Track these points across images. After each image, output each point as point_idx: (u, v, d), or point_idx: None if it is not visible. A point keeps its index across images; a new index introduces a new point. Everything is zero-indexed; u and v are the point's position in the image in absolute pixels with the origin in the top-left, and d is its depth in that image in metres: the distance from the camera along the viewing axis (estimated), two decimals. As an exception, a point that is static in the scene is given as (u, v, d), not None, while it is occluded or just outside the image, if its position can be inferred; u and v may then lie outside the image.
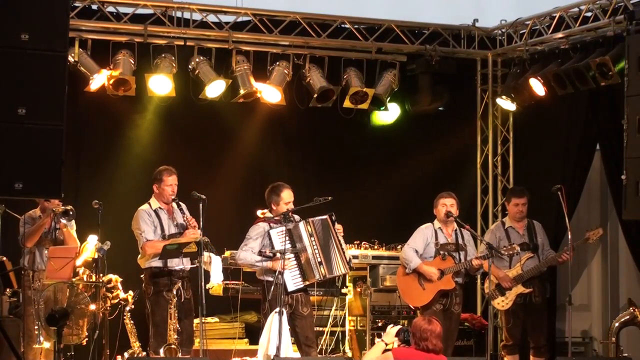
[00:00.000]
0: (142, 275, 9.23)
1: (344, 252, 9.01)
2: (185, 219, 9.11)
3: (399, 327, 7.47)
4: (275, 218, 8.88)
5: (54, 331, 8.55)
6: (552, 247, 10.24)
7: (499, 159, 11.98)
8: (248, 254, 8.87)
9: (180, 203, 9.21)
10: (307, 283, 8.91)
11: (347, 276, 10.63)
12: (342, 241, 9.05)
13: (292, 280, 8.82)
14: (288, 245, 8.72)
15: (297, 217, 9.08)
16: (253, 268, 9.02)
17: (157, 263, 9.05)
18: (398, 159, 11.78)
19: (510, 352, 10.17)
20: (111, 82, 10.42)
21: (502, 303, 10.00)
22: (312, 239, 8.91)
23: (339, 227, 9.03)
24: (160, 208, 9.18)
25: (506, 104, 11.33)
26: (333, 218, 9.02)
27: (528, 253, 9.99)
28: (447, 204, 9.63)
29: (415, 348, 7.14)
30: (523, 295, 9.94)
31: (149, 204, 9.21)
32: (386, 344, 7.39)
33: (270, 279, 8.79)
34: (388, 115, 11.62)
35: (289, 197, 8.95)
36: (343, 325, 10.77)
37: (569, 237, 9.45)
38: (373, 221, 11.51)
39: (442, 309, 9.52)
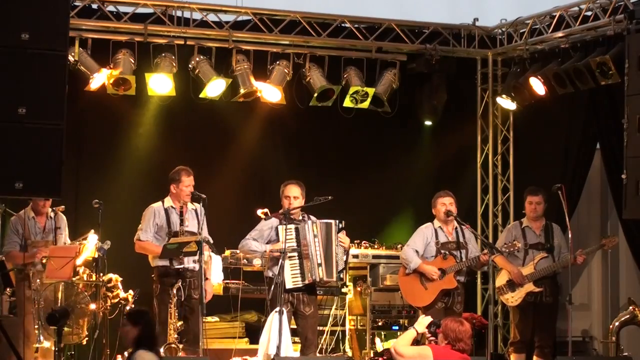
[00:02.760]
0: (152, 275, 9.27)
1: (337, 262, 9.02)
2: (199, 228, 9.06)
3: (431, 319, 7.60)
4: (279, 215, 8.94)
5: (54, 331, 8.55)
6: (552, 246, 10.27)
7: (499, 158, 11.98)
8: (248, 242, 9.01)
9: (196, 205, 9.18)
10: (306, 283, 8.92)
11: (347, 276, 10.64)
12: (340, 251, 9.05)
13: (292, 278, 8.85)
14: (293, 244, 8.78)
15: (313, 217, 9.11)
16: (252, 254, 9.09)
17: (163, 262, 9.14)
18: (398, 158, 11.78)
19: (517, 350, 10.13)
20: (111, 81, 10.41)
21: (511, 299, 10.01)
22: (316, 239, 8.94)
23: (343, 239, 9.04)
24: (172, 207, 9.21)
25: (506, 103, 11.33)
26: (340, 226, 9.06)
27: (542, 253, 10.00)
28: (446, 203, 9.64)
29: (451, 348, 7.24)
30: (534, 294, 9.94)
31: (162, 202, 9.25)
32: (417, 332, 7.51)
33: (272, 276, 8.81)
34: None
35: (289, 191, 9.04)
36: (343, 324, 10.77)
37: (569, 236, 9.44)
38: (373, 220, 11.52)
39: (444, 308, 9.52)
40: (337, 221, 9.06)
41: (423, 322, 7.59)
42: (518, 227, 10.23)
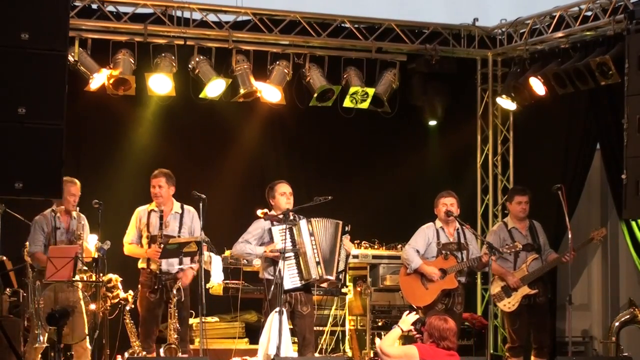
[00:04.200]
0: None
1: (338, 262, 9.00)
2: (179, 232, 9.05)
3: (417, 316, 7.50)
4: (279, 216, 8.90)
5: (54, 331, 8.54)
6: (552, 246, 10.21)
7: (499, 159, 11.98)
8: (242, 245, 8.92)
9: (185, 208, 9.15)
10: (304, 282, 8.91)
11: (347, 275, 10.63)
12: (343, 253, 9.03)
13: (290, 278, 8.83)
14: (288, 244, 8.75)
15: (304, 218, 9.10)
16: (248, 257, 9.06)
17: (142, 264, 9.21)
18: (398, 158, 11.78)
19: (515, 354, 10.04)
20: (111, 81, 10.42)
21: (508, 305, 9.89)
22: (312, 238, 8.90)
23: (347, 243, 9.03)
24: (154, 210, 9.21)
25: (506, 103, 11.33)
26: (346, 229, 9.03)
27: (533, 254, 9.94)
28: (447, 204, 9.62)
29: (436, 346, 7.20)
30: (529, 296, 9.88)
31: (149, 204, 9.27)
32: (402, 331, 7.47)
33: (270, 277, 8.80)
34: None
35: (284, 189, 8.97)
36: (343, 324, 10.78)
37: (569, 236, 9.42)
38: (373, 221, 11.50)
39: (444, 309, 9.50)
40: (345, 223, 9.05)
41: (407, 319, 7.52)
42: (504, 229, 10.07)
